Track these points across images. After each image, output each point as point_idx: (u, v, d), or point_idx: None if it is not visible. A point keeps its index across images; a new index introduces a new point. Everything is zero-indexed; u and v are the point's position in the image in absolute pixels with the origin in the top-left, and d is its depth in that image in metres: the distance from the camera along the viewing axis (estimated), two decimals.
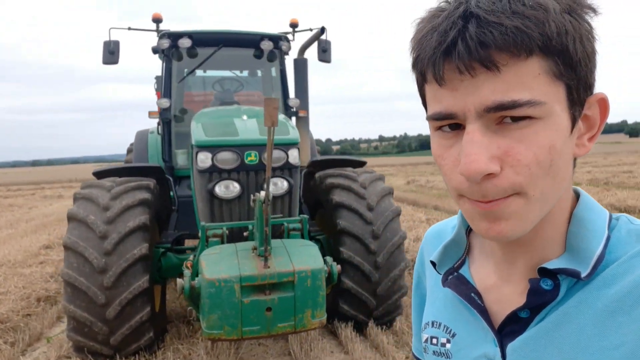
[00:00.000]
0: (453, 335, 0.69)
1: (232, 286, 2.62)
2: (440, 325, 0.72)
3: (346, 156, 4.80)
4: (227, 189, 3.54)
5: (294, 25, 5.79)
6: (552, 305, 0.59)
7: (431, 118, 0.57)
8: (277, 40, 5.26)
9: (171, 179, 4.67)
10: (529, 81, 0.51)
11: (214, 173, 3.54)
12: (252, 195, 3.03)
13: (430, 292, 0.78)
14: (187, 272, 2.90)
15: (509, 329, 0.62)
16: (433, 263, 0.73)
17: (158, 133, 5.33)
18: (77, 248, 3.36)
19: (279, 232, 3.52)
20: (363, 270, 3.84)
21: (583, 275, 0.56)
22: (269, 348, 3.97)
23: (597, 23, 0.55)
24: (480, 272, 0.69)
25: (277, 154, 3.58)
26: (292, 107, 5.14)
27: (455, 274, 0.70)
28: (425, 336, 0.75)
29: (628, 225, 0.61)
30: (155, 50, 5.84)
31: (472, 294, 0.66)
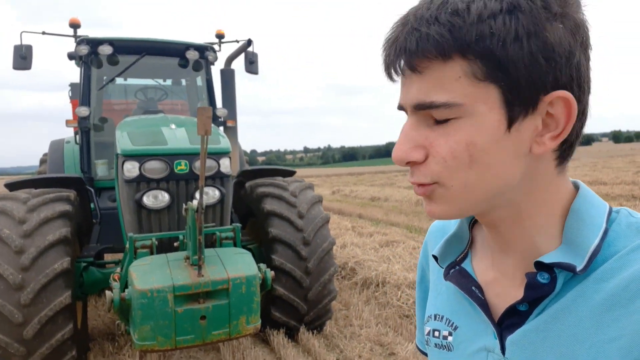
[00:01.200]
0: (455, 328, 0.70)
1: (165, 296, 2.60)
2: (442, 318, 0.73)
3: (276, 166, 4.89)
4: (156, 199, 3.47)
5: (220, 36, 5.81)
6: (551, 298, 0.59)
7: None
8: (203, 50, 5.25)
9: (92, 190, 4.47)
10: (449, 83, 0.54)
11: (142, 183, 3.47)
12: (183, 205, 3.01)
13: (434, 286, 0.79)
14: (115, 285, 2.81)
15: (508, 322, 0.62)
16: (435, 257, 0.74)
17: (76, 142, 5.09)
18: None
19: (211, 242, 3.51)
20: (294, 277, 3.93)
21: (578, 269, 0.57)
22: (200, 359, 3.92)
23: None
24: (481, 265, 0.70)
25: (209, 163, 3.58)
26: (220, 117, 5.14)
27: (457, 267, 0.71)
28: (427, 329, 0.75)
29: (628, 218, 0.61)
30: (71, 57, 5.58)
31: (473, 287, 0.67)
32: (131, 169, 3.42)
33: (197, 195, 3.48)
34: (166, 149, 3.49)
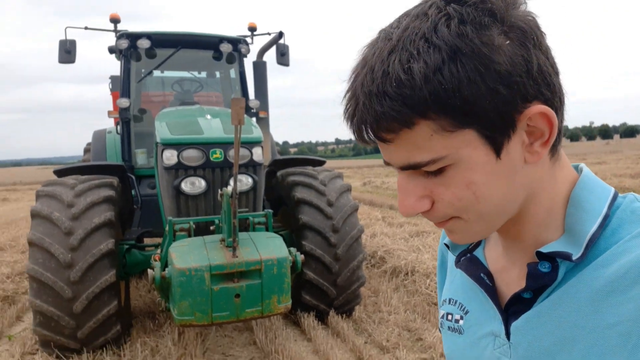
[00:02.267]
0: (466, 312, 0.73)
1: (202, 275, 2.78)
2: (456, 302, 0.75)
3: (306, 155, 5.02)
4: (193, 185, 3.67)
5: (252, 29, 5.96)
6: (554, 285, 0.60)
7: None
8: (236, 43, 5.41)
9: (133, 177, 4.72)
10: (424, 144, 0.55)
11: (180, 170, 3.67)
12: (219, 190, 3.18)
13: (450, 271, 0.82)
14: (156, 264, 3.02)
15: (514, 308, 0.64)
16: (447, 245, 0.77)
17: (117, 133, 5.35)
18: (42, 244, 3.39)
19: (244, 226, 3.68)
20: (324, 262, 4.07)
21: (574, 257, 0.58)
22: (235, 339, 4.12)
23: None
24: (493, 254, 0.72)
25: (242, 151, 3.75)
26: (253, 109, 5.30)
27: (469, 255, 0.73)
28: (442, 312, 0.78)
29: (634, 203, 0.60)
30: (112, 50, 5.85)
31: (482, 274, 0.69)
32: (170, 156, 3.63)
33: (231, 181, 3.66)
34: (202, 138, 3.68)
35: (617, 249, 0.57)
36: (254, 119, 5.17)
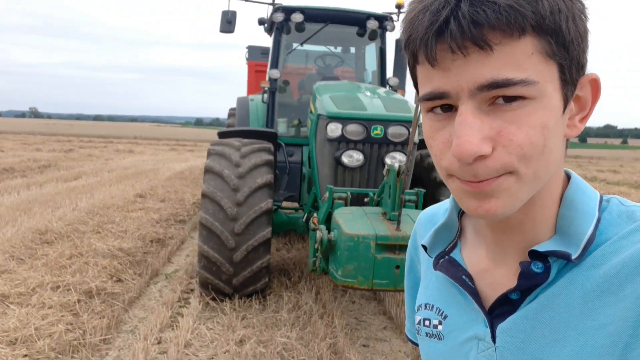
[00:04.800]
0: (445, 317, 0.70)
1: (369, 242, 2.95)
2: (432, 307, 0.73)
3: None
4: (351, 158, 3.86)
5: (399, 6, 5.96)
6: (543, 286, 0.59)
7: (423, 99, 0.56)
8: (383, 19, 5.47)
9: (283, 145, 5.04)
10: (522, 60, 0.50)
11: (342, 142, 3.87)
12: (385, 165, 3.33)
13: (424, 275, 0.79)
14: (322, 227, 3.24)
15: (499, 310, 0.62)
16: (424, 247, 0.73)
17: (263, 102, 5.69)
18: (214, 197, 3.78)
19: None
20: None
21: (574, 257, 0.57)
22: (363, 306, 4.32)
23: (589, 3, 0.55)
24: (473, 255, 0.69)
25: (401, 130, 3.86)
26: (392, 86, 5.37)
27: (447, 257, 0.70)
28: (418, 318, 0.76)
29: (619, 206, 0.61)
30: (261, 22, 6.18)
31: (463, 276, 0.67)
32: (334, 129, 3.84)
33: (393, 157, 3.81)
34: (366, 114, 3.84)
35: (607, 248, 0.57)
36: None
